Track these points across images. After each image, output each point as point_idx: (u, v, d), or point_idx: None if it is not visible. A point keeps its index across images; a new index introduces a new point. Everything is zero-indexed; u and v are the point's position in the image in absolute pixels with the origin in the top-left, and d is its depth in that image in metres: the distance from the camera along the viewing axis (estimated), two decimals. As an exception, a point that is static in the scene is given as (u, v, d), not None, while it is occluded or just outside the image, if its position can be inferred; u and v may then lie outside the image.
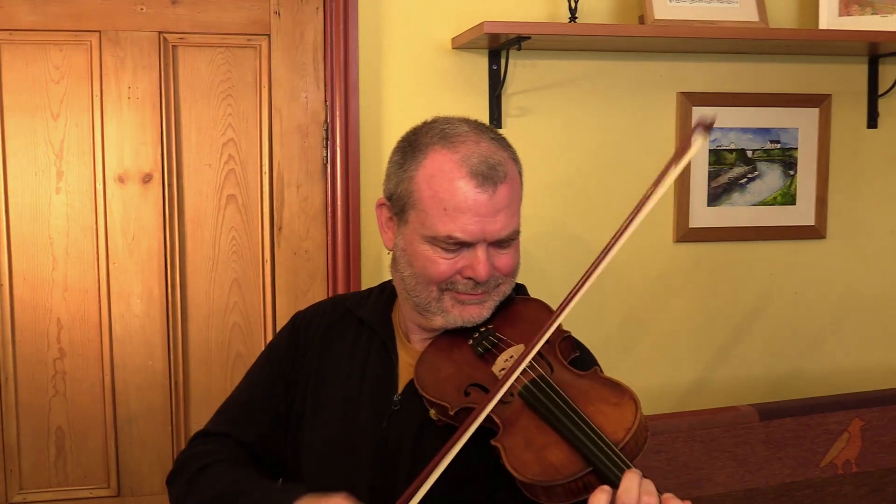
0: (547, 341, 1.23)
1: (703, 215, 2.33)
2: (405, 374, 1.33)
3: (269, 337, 2.15)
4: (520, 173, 1.31)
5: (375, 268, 2.14)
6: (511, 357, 1.23)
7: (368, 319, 1.40)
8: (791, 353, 2.44)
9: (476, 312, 1.29)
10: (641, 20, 2.15)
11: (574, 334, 1.37)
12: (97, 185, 2.06)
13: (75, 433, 2.11)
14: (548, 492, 1.06)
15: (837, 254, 2.44)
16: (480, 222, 1.23)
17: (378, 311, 1.41)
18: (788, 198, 2.38)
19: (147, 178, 2.08)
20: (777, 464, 2.05)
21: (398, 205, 1.30)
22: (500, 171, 1.24)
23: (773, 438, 2.05)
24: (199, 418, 2.14)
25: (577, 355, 1.30)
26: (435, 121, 1.32)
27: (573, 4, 2.08)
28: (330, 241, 2.14)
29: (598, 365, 1.35)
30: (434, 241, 1.25)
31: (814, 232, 2.40)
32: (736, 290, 2.39)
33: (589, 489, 1.03)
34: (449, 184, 1.23)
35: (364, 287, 2.11)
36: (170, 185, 2.09)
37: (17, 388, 2.08)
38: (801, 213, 2.39)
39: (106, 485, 2.13)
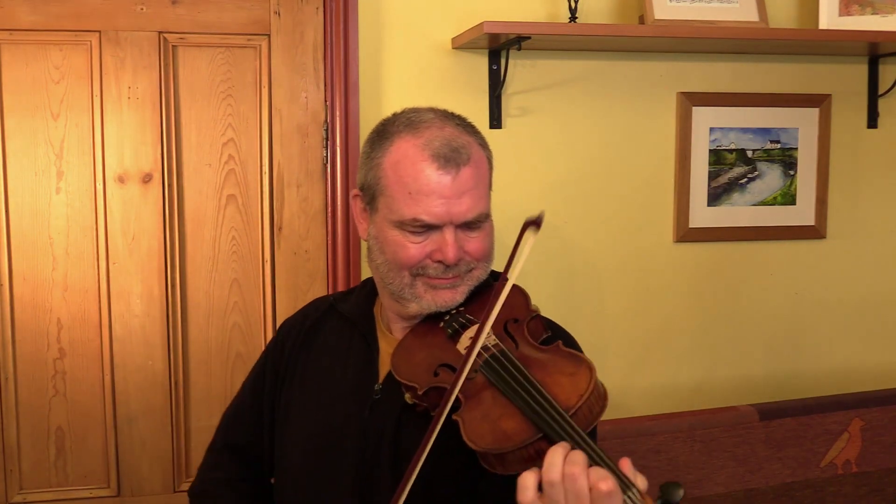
0: (515, 320, 1.27)
1: (703, 215, 2.33)
2: (386, 364, 1.34)
3: (269, 337, 2.15)
4: (488, 159, 1.33)
5: (375, 268, 2.14)
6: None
7: (349, 313, 1.42)
8: (791, 353, 2.44)
9: (449, 297, 1.30)
10: (641, 20, 2.15)
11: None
12: (97, 185, 2.06)
13: (75, 433, 2.11)
14: (501, 459, 1.09)
15: (837, 254, 2.44)
16: (445, 204, 1.24)
17: (359, 304, 1.43)
18: (788, 198, 2.38)
19: (147, 178, 2.08)
20: (777, 464, 2.05)
21: (369, 194, 1.32)
22: (463, 153, 1.26)
23: (773, 438, 2.05)
24: (199, 418, 2.15)
25: (548, 335, 1.31)
26: (403, 111, 1.34)
27: (573, 4, 2.08)
28: (330, 241, 2.14)
29: (574, 342, 1.36)
30: (402, 225, 1.27)
31: (814, 232, 2.40)
32: (736, 291, 2.39)
33: (543, 456, 1.05)
34: (412, 167, 1.25)
35: (364, 287, 2.13)
36: (170, 185, 2.09)
37: (17, 388, 2.08)
38: (801, 213, 2.39)
39: (106, 485, 2.13)
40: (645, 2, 2.11)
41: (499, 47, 2.13)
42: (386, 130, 1.32)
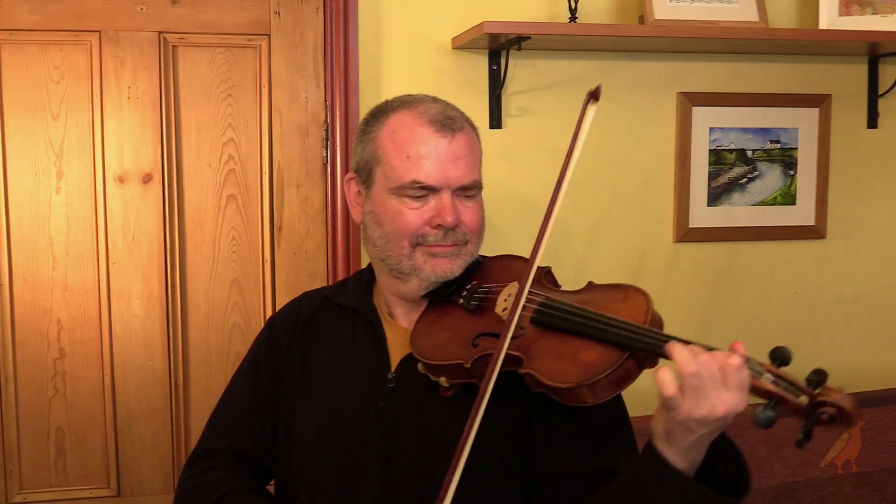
0: (534, 278, 1.27)
1: (703, 215, 2.33)
2: (395, 351, 1.34)
3: (269, 337, 2.15)
4: (478, 137, 1.38)
5: (375, 268, 2.14)
6: (510, 295, 1.27)
7: (349, 304, 1.42)
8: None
9: (447, 266, 1.31)
10: (641, 20, 2.15)
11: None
12: (97, 185, 2.06)
13: (75, 433, 2.11)
14: (592, 389, 1.11)
15: (837, 254, 2.44)
16: (443, 167, 1.28)
17: (358, 294, 1.42)
18: (788, 198, 2.38)
19: (147, 178, 2.08)
20: (777, 464, 2.05)
21: (364, 171, 1.35)
22: (457, 121, 1.32)
23: (773, 438, 2.05)
24: (199, 418, 2.14)
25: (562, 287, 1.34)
26: (396, 97, 1.39)
27: (573, 4, 2.08)
28: (330, 241, 2.14)
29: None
30: (401, 190, 1.29)
31: (814, 232, 2.40)
32: (736, 290, 2.39)
33: (631, 375, 1.11)
34: (410, 132, 1.29)
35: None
36: (170, 185, 2.09)
37: (17, 388, 2.08)
38: (801, 213, 2.39)
39: (106, 485, 2.13)
40: (645, 2, 2.11)
41: (499, 47, 2.12)
42: (380, 111, 1.36)
